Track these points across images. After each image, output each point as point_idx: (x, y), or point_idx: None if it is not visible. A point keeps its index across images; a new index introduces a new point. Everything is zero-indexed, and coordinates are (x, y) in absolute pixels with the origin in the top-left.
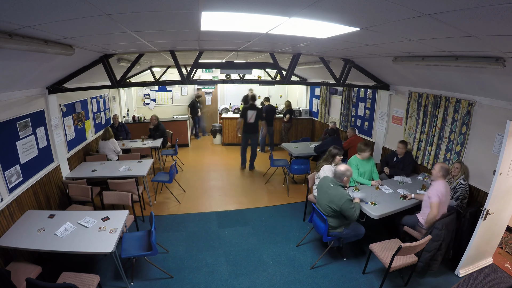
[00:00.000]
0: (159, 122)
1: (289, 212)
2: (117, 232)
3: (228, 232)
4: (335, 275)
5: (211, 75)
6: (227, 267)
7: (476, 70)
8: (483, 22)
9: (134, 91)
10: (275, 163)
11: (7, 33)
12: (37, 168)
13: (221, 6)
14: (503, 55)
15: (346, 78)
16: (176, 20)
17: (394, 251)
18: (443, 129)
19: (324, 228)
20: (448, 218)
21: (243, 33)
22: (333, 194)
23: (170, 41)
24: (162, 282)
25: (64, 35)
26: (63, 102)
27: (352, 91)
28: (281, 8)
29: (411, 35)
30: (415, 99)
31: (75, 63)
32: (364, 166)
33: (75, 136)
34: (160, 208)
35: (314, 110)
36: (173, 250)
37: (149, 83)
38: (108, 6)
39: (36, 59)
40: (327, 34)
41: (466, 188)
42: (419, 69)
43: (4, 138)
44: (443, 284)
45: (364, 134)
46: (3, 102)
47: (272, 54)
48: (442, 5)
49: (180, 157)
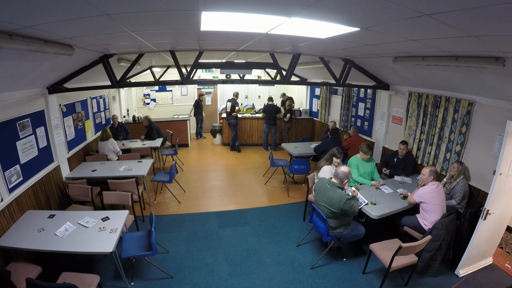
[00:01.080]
0: (150, 122)
1: (289, 212)
2: (117, 232)
3: (228, 232)
4: (335, 275)
5: (211, 75)
6: (227, 267)
7: (476, 70)
8: (483, 22)
9: (134, 91)
10: (275, 163)
11: (7, 33)
12: (37, 168)
13: (221, 6)
14: (503, 55)
15: (346, 78)
16: (176, 20)
17: (394, 251)
18: (443, 129)
19: (324, 228)
20: (448, 218)
21: (243, 33)
22: (331, 196)
23: (170, 41)
24: (162, 282)
25: (64, 35)
26: (63, 102)
27: (352, 91)
28: (281, 8)
29: (411, 35)
30: (415, 99)
31: (75, 63)
32: (365, 167)
33: (75, 136)
34: (160, 208)
35: (314, 110)
36: (173, 250)
37: (149, 83)
38: (108, 6)
39: (36, 59)
40: (327, 34)
41: (466, 188)
42: (419, 69)
43: (4, 138)
44: (443, 284)
45: (364, 134)
46: (3, 102)
47: (272, 54)
48: (442, 5)
49: (180, 157)
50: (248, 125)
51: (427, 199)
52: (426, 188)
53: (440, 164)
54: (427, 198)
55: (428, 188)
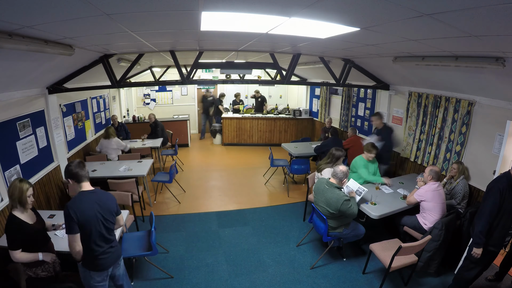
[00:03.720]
0: (156, 120)
1: (289, 212)
2: (117, 232)
3: (228, 232)
4: (335, 275)
5: (211, 75)
6: (227, 267)
7: (476, 70)
8: (483, 22)
9: (134, 91)
10: (275, 163)
11: (7, 33)
12: (37, 168)
13: (221, 6)
14: (503, 55)
15: (346, 78)
16: (176, 20)
17: (394, 251)
18: (443, 129)
19: (324, 228)
20: (448, 218)
21: (243, 33)
22: (329, 197)
23: (170, 41)
24: (162, 282)
25: (64, 35)
26: (63, 102)
27: (352, 91)
28: (281, 8)
29: (411, 35)
30: (415, 99)
31: (75, 63)
32: (370, 167)
33: (75, 136)
34: (160, 208)
35: (314, 110)
36: (173, 250)
37: (149, 83)
38: (108, 6)
39: (36, 59)
40: (327, 34)
41: (466, 188)
42: (419, 69)
43: (4, 138)
44: (443, 284)
45: (364, 134)
46: (3, 102)
47: (272, 54)
48: (442, 5)
49: (180, 157)
50: (248, 125)
51: (428, 198)
52: (427, 187)
53: (440, 164)
54: (428, 196)
55: (429, 186)
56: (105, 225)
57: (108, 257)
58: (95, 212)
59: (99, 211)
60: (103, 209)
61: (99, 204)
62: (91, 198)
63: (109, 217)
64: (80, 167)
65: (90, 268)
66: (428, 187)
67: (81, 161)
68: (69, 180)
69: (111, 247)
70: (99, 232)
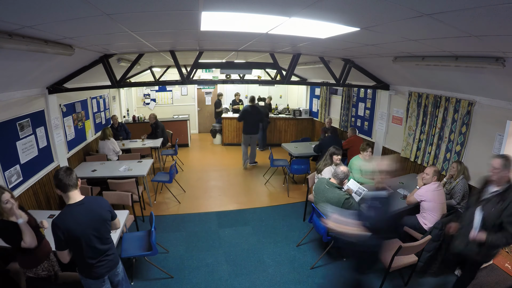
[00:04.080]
0: (156, 120)
1: (289, 212)
2: (117, 232)
3: (228, 232)
4: (335, 275)
5: (211, 75)
6: (227, 267)
7: (476, 70)
8: (483, 22)
9: (134, 91)
10: (275, 163)
11: (7, 33)
12: (37, 168)
13: (221, 6)
14: (503, 55)
15: (346, 78)
16: (176, 20)
17: (394, 251)
18: (443, 129)
19: (324, 228)
20: (448, 218)
21: (243, 33)
22: (330, 197)
23: (170, 41)
24: (162, 282)
25: (64, 35)
26: (63, 102)
27: (352, 91)
28: (281, 8)
29: (411, 35)
30: (415, 99)
31: (75, 63)
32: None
33: (75, 136)
34: (160, 208)
35: (314, 110)
36: (173, 250)
37: (149, 83)
38: (108, 6)
39: (36, 59)
40: (327, 34)
41: (466, 188)
42: (419, 69)
43: (4, 138)
44: (443, 284)
45: (364, 134)
46: (3, 102)
47: (272, 54)
48: (442, 5)
49: (180, 157)
50: None
51: (428, 197)
52: (427, 187)
53: (440, 164)
54: (428, 196)
55: (430, 186)
56: (97, 236)
57: (104, 265)
58: (83, 227)
59: (89, 225)
60: (94, 221)
61: (89, 216)
62: (79, 212)
63: (102, 227)
64: (66, 175)
65: (85, 276)
66: (429, 186)
67: (68, 168)
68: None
69: (106, 256)
70: (90, 247)
